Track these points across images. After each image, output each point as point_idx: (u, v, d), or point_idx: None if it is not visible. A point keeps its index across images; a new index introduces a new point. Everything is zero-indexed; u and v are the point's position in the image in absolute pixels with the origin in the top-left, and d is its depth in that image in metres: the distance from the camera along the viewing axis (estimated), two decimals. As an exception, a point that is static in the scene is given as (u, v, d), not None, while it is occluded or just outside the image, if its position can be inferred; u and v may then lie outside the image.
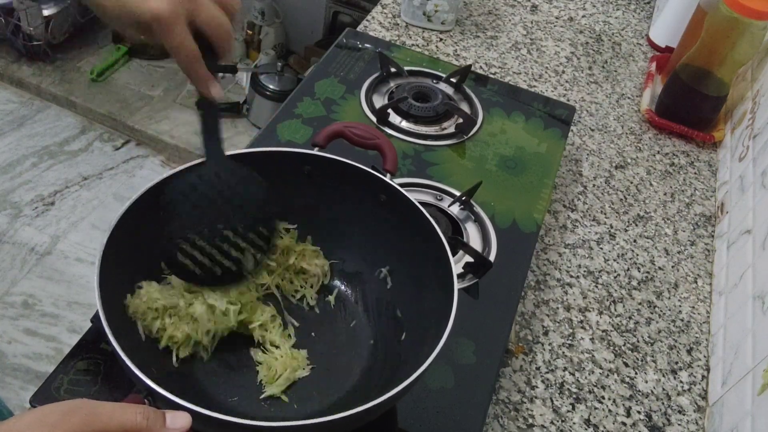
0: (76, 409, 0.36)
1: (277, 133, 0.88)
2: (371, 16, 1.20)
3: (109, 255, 0.52)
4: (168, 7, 0.48)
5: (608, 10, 1.37)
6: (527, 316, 0.79)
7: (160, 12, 0.47)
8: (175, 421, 0.40)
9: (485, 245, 0.79)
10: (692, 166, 1.06)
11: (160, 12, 0.47)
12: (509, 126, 0.97)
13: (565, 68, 1.19)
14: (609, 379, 0.75)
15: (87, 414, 0.36)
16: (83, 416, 0.36)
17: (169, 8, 0.48)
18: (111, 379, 0.62)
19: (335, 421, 0.46)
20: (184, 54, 0.50)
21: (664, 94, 1.11)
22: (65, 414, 0.36)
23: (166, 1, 0.48)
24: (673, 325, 0.82)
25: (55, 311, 1.73)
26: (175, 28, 0.49)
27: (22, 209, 1.96)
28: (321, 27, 2.32)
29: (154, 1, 0.47)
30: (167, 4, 0.48)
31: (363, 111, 0.94)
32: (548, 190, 0.88)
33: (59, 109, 2.31)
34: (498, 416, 0.69)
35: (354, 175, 0.64)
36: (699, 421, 0.73)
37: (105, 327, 0.47)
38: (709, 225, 0.97)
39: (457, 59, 1.14)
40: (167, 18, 0.48)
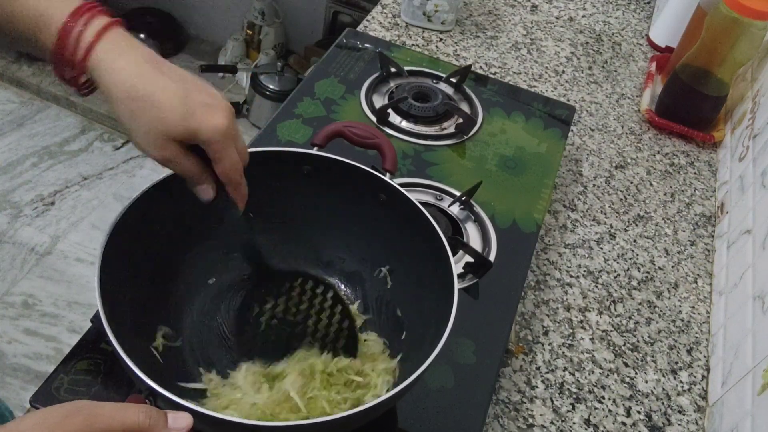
0: (78, 410, 0.36)
1: (277, 133, 0.88)
2: (371, 16, 1.20)
3: (109, 255, 0.52)
4: (229, 124, 0.51)
5: (608, 10, 1.37)
6: (527, 316, 0.79)
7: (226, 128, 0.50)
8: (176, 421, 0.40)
9: (485, 245, 0.79)
10: (692, 166, 1.06)
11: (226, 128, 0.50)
12: (509, 126, 0.97)
13: (565, 68, 1.19)
14: (609, 379, 0.75)
15: (88, 415, 0.36)
16: (84, 417, 0.36)
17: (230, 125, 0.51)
18: (111, 379, 0.62)
19: (335, 421, 0.46)
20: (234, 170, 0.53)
21: (664, 94, 1.11)
22: (66, 416, 0.36)
23: (228, 119, 0.50)
24: (673, 325, 0.82)
25: (55, 311, 1.73)
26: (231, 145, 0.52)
27: (22, 209, 1.96)
28: (321, 27, 2.32)
29: (219, 118, 0.50)
30: (228, 122, 0.50)
31: (363, 111, 0.94)
32: (548, 190, 0.88)
33: (59, 109, 2.31)
34: (498, 416, 0.69)
35: (354, 175, 0.64)
36: (699, 421, 0.73)
37: (105, 327, 0.47)
38: (709, 225, 0.97)
39: (457, 59, 1.14)
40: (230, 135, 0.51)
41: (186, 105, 0.49)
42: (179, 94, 0.49)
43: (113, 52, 0.49)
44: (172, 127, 0.49)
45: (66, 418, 0.36)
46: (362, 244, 0.67)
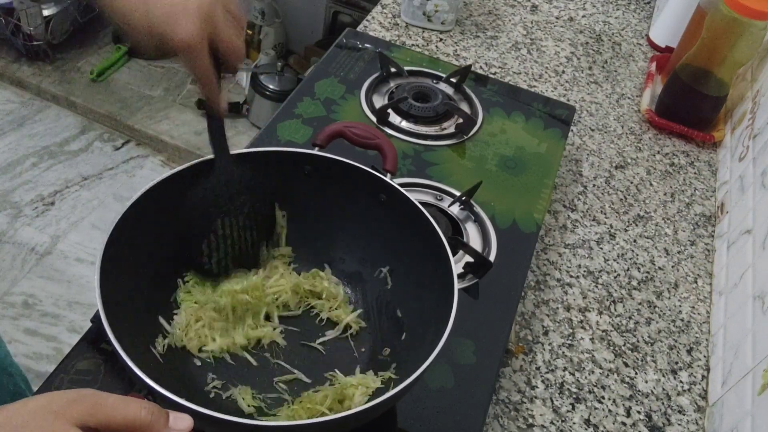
0: (82, 398, 0.37)
1: (277, 133, 0.88)
2: (371, 16, 1.20)
3: (109, 254, 0.52)
4: (196, 33, 0.48)
5: (608, 10, 1.37)
6: (527, 316, 0.79)
7: (189, 39, 0.48)
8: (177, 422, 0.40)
9: (485, 245, 0.79)
10: (692, 166, 1.06)
11: (189, 39, 0.48)
12: (509, 126, 0.97)
13: (565, 68, 1.19)
14: (609, 379, 0.75)
15: (92, 404, 0.37)
16: (88, 406, 0.36)
17: (198, 35, 0.49)
18: (111, 379, 0.62)
19: (335, 421, 0.46)
20: (205, 77, 0.52)
21: (664, 94, 1.11)
22: (70, 402, 0.36)
23: (194, 28, 0.48)
24: (673, 325, 0.82)
25: (55, 311, 1.73)
26: (200, 55, 0.50)
27: (22, 209, 1.96)
28: (321, 27, 2.32)
29: (183, 28, 0.48)
30: (196, 31, 0.48)
31: (363, 111, 0.94)
32: (548, 190, 0.88)
33: (59, 109, 2.31)
34: (498, 416, 0.69)
35: (354, 175, 0.64)
36: (699, 421, 0.73)
37: (105, 326, 0.47)
38: (709, 225, 0.97)
39: (457, 59, 1.14)
40: (194, 45, 0.49)
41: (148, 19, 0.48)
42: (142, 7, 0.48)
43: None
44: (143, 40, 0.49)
45: (70, 404, 0.36)
46: (362, 244, 0.67)
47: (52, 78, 2.34)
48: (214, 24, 0.50)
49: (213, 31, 0.50)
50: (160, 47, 0.49)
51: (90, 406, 0.37)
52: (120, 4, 0.48)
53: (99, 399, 0.37)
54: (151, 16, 0.48)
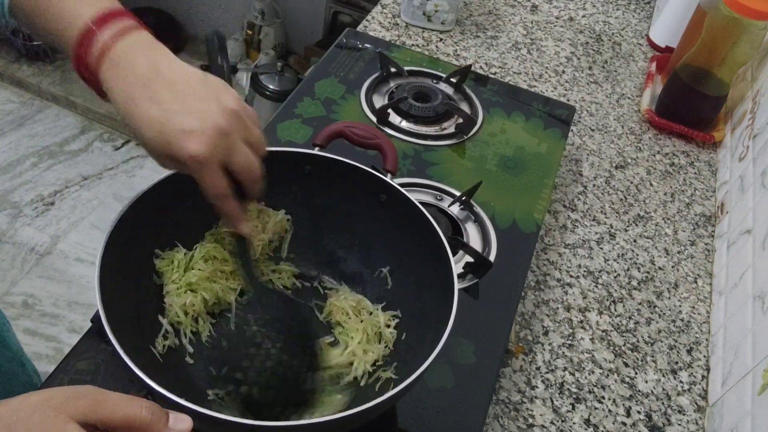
0: (84, 394, 0.37)
1: (277, 133, 0.88)
2: (371, 16, 1.20)
3: (109, 254, 0.52)
4: (206, 150, 0.49)
5: (608, 10, 1.37)
6: (527, 316, 0.79)
7: (197, 155, 0.49)
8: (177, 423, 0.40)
9: (485, 245, 0.79)
10: (692, 166, 1.06)
11: (197, 155, 0.49)
12: (509, 126, 0.97)
13: (565, 68, 1.19)
14: (609, 379, 0.75)
15: (93, 401, 0.37)
16: (90, 402, 0.37)
17: (207, 151, 0.49)
18: (111, 379, 0.62)
19: (335, 421, 0.46)
20: (214, 193, 0.52)
21: (664, 94, 1.11)
22: (71, 398, 0.36)
23: (205, 145, 0.49)
24: (673, 325, 0.82)
25: (55, 311, 1.73)
26: (209, 170, 0.50)
27: (22, 209, 1.96)
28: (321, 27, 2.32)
29: (194, 144, 0.49)
30: (205, 148, 0.49)
31: (363, 111, 0.94)
32: (548, 190, 0.88)
33: (59, 109, 2.31)
34: (498, 416, 0.69)
35: (355, 175, 0.64)
36: (699, 421, 0.73)
37: (105, 326, 0.47)
38: (709, 225, 0.97)
39: (457, 59, 1.14)
40: (203, 161, 0.49)
41: (161, 132, 0.49)
42: (158, 121, 0.49)
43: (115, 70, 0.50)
44: (156, 154, 0.50)
45: (71, 400, 0.36)
46: (363, 244, 0.67)
47: (52, 78, 2.34)
48: (229, 146, 0.51)
49: (227, 153, 0.51)
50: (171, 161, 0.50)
51: (91, 403, 0.37)
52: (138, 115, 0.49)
53: (100, 396, 0.37)
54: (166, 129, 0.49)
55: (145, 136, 0.49)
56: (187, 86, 0.50)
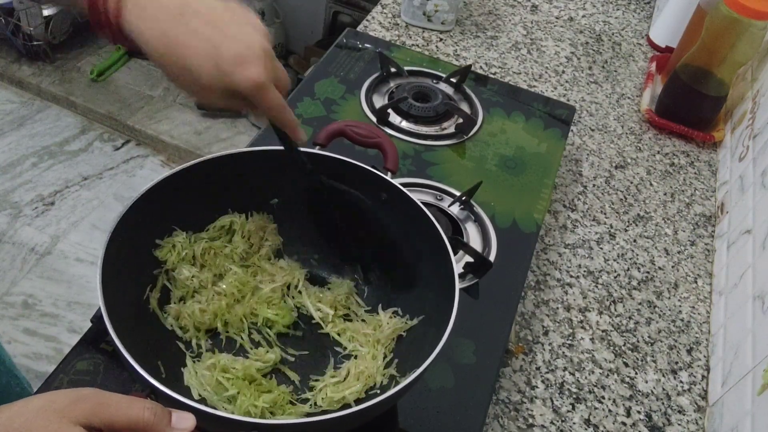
0: (85, 397, 0.37)
1: (277, 133, 0.87)
2: (371, 16, 1.20)
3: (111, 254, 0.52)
4: (264, 73, 0.51)
5: (608, 10, 1.37)
6: (527, 316, 0.79)
7: (259, 79, 0.50)
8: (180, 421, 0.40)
9: (485, 245, 0.79)
10: (692, 166, 1.06)
11: (259, 79, 0.50)
12: (509, 126, 0.97)
13: (565, 68, 1.19)
14: (609, 379, 0.75)
15: (95, 404, 0.37)
16: (91, 405, 0.36)
17: (265, 74, 0.51)
18: (111, 379, 0.62)
19: (336, 420, 0.46)
20: (279, 110, 0.54)
21: (664, 94, 1.11)
22: (73, 401, 0.36)
23: (263, 68, 0.50)
24: (673, 325, 0.82)
25: (55, 311, 1.73)
26: (270, 90, 0.52)
27: (22, 209, 1.96)
28: (321, 27, 2.32)
29: (253, 69, 0.50)
30: (264, 71, 0.50)
31: (363, 111, 0.94)
32: (548, 190, 0.88)
33: (59, 109, 2.31)
34: (498, 416, 0.69)
35: (355, 174, 0.64)
36: (699, 421, 0.73)
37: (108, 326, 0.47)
38: (709, 225, 0.97)
39: (457, 59, 1.14)
40: (264, 84, 0.51)
41: (216, 64, 0.49)
42: (208, 52, 0.49)
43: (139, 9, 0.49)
44: (208, 86, 0.50)
45: (72, 404, 0.36)
46: (364, 243, 0.67)
47: (52, 78, 2.34)
48: (274, 61, 0.53)
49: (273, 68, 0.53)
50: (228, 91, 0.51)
51: (93, 406, 0.37)
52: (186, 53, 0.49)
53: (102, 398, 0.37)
54: (221, 62, 0.49)
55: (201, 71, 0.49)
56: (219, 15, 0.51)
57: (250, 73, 0.50)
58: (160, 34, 0.49)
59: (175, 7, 0.49)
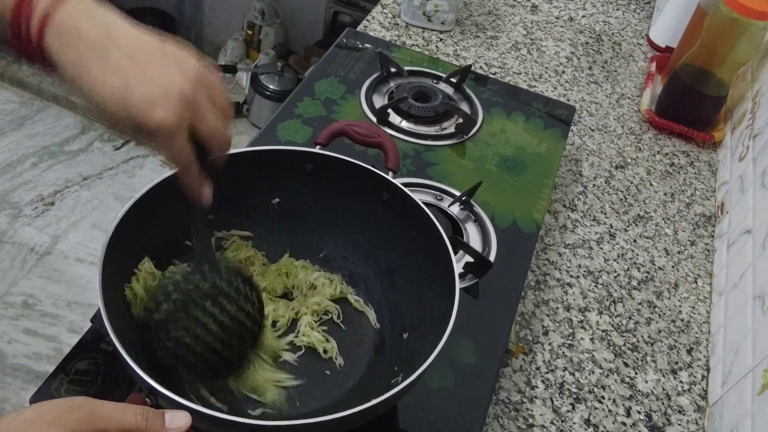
0: (76, 407, 0.36)
1: (277, 133, 0.88)
2: (371, 16, 1.20)
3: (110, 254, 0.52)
4: (173, 118, 0.47)
5: (608, 10, 1.37)
6: (527, 316, 0.79)
7: (166, 124, 0.47)
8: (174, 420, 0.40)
9: (485, 245, 0.79)
10: (692, 166, 1.06)
11: (166, 124, 0.47)
12: (509, 126, 0.97)
13: (565, 68, 1.19)
14: (609, 379, 0.75)
15: (87, 413, 0.36)
16: (83, 415, 0.36)
17: (174, 120, 0.47)
18: (111, 379, 0.62)
19: (336, 420, 0.46)
20: (181, 162, 0.50)
21: (664, 94, 1.11)
22: (65, 412, 0.36)
23: (172, 113, 0.47)
24: (673, 325, 0.82)
25: (55, 311, 1.73)
26: (177, 139, 0.48)
27: (22, 209, 1.96)
28: (321, 27, 2.32)
29: (160, 112, 0.46)
30: (173, 116, 0.47)
31: (363, 111, 0.94)
32: (548, 190, 0.88)
33: (59, 109, 2.31)
34: (498, 416, 0.69)
35: (357, 174, 0.64)
36: (699, 421, 0.73)
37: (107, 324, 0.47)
38: (709, 225, 0.97)
39: (457, 59, 1.14)
40: (171, 130, 0.47)
41: (124, 103, 0.46)
42: (118, 90, 0.46)
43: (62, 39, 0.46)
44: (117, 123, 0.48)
45: (64, 414, 0.36)
46: (364, 243, 0.67)
47: (52, 78, 2.34)
48: (195, 110, 0.49)
49: (194, 118, 0.49)
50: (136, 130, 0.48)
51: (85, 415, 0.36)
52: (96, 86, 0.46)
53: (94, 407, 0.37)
54: (129, 100, 0.46)
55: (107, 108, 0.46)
56: (144, 53, 0.47)
57: (156, 115, 0.46)
58: (76, 64, 0.46)
59: (97, 38, 0.46)
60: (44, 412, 0.36)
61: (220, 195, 0.62)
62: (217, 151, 0.52)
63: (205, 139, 0.50)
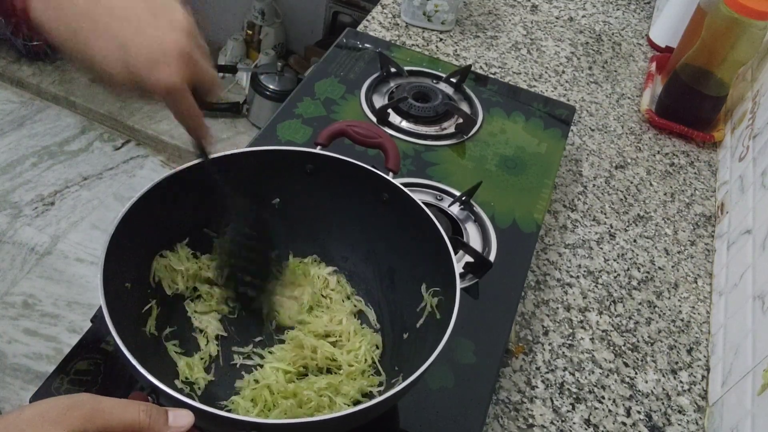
0: (79, 404, 0.36)
1: (277, 133, 0.88)
2: (371, 16, 1.20)
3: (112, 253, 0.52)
4: (177, 77, 0.47)
5: (608, 10, 1.37)
6: (527, 316, 0.79)
7: (170, 84, 0.47)
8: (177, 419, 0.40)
9: (485, 245, 0.79)
10: (692, 166, 1.06)
11: (170, 84, 0.47)
12: (509, 126, 0.97)
13: (565, 68, 1.19)
14: (609, 379, 0.75)
15: (89, 410, 0.36)
16: (86, 412, 0.36)
17: (178, 78, 0.48)
18: (111, 379, 0.62)
19: (336, 420, 0.46)
20: (192, 117, 0.52)
21: (664, 94, 1.11)
22: (67, 409, 0.36)
23: (175, 72, 0.47)
24: (673, 325, 0.82)
25: (55, 311, 1.73)
26: (184, 96, 0.49)
27: (22, 209, 1.96)
28: (321, 27, 2.32)
29: (164, 73, 0.47)
30: (177, 75, 0.47)
31: (363, 111, 0.94)
32: (548, 190, 0.88)
33: (59, 109, 2.31)
34: (498, 416, 0.69)
35: (357, 174, 0.64)
36: (699, 421, 0.73)
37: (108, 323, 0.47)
38: (709, 225, 0.97)
39: (457, 59, 1.14)
40: (178, 88, 0.48)
41: (125, 65, 0.46)
42: (115, 52, 0.46)
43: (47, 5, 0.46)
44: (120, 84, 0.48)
45: (67, 411, 0.36)
46: (365, 243, 0.67)
47: (52, 78, 2.34)
48: (193, 62, 0.49)
49: (193, 70, 0.49)
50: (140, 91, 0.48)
51: (88, 412, 0.36)
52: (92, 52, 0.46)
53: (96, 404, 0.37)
54: (130, 62, 0.46)
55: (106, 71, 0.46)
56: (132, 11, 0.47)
57: (161, 75, 0.47)
58: (66, 29, 0.46)
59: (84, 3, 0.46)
60: (46, 410, 0.36)
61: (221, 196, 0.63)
62: (213, 95, 0.53)
63: (203, 84, 0.51)
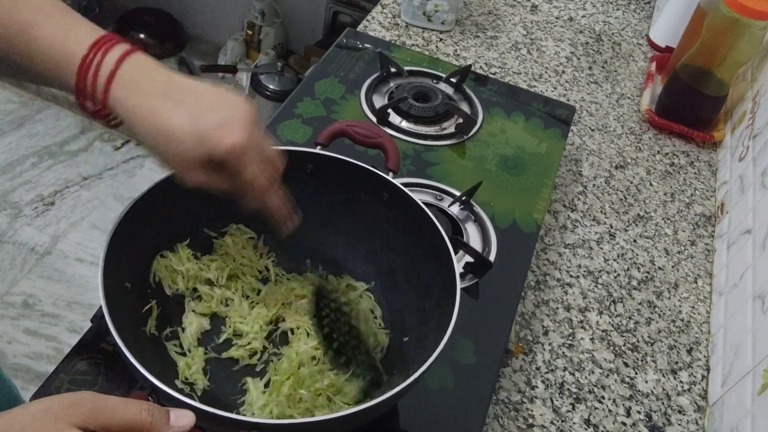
0: (81, 401, 0.37)
1: (277, 133, 0.88)
2: (371, 16, 1.20)
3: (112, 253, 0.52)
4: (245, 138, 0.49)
5: (608, 10, 1.37)
6: (527, 316, 0.79)
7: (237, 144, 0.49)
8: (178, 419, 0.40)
9: (485, 245, 0.79)
10: (692, 166, 1.06)
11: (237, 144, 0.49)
12: (509, 126, 0.97)
13: (565, 68, 1.19)
14: (609, 379, 0.75)
15: (92, 407, 0.37)
16: (88, 409, 0.36)
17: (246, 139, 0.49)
18: (111, 379, 0.62)
19: (336, 420, 0.46)
20: (261, 183, 0.53)
21: (664, 94, 1.11)
22: (71, 405, 0.36)
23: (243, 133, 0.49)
24: (673, 325, 0.82)
25: (55, 311, 1.73)
26: (251, 159, 0.51)
27: (22, 209, 1.96)
28: (321, 27, 2.32)
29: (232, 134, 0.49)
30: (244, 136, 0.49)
31: (363, 111, 0.94)
32: (548, 190, 0.88)
33: (59, 109, 2.31)
34: (498, 416, 0.69)
35: (356, 174, 0.64)
36: (699, 421, 0.73)
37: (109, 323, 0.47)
38: (709, 225, 0.97)
39: (457, 59, 1.14)
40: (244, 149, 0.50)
41: (197, 131, 0.49)
42: (189, 121, 0.49)
43: (128, 89, 0.49)
44: (190, 154, 0.50)
45: (70, 408, 0.36)
46: (365, 243, 0.67)
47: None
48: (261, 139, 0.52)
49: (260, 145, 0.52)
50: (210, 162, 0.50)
51: (90, 409, 0.37)
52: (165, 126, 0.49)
53: (99, 402, 0.37)
54: (202, 128, 0.49)
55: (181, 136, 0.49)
56: (205, 90, 0.51)
57: (228, 137, 0.49)
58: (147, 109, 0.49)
59: (162, 83, 0.50)
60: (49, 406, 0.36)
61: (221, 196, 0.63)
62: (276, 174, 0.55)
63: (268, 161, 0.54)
